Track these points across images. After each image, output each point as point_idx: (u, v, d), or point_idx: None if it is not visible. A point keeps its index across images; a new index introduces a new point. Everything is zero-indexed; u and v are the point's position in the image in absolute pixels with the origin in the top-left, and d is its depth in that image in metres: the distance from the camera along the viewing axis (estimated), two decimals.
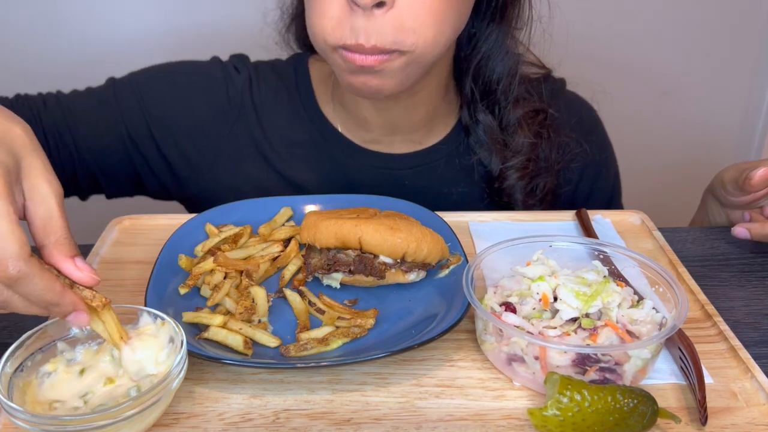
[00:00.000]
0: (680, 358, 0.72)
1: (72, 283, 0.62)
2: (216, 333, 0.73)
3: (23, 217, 0.61)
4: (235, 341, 0.73)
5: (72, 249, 0.61)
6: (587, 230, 0.97)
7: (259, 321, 0.78)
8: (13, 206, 0.57)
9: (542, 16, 1.05)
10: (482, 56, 1.06)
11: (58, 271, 0.61)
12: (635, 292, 0.78)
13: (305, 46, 1.17)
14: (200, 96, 1.12)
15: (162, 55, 1.20)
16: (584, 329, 0.70)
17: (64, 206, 0.62)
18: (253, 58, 1.18)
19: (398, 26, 0.85)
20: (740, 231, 0.96)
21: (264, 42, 1.17)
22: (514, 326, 0.70)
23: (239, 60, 1.16)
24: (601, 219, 1.02)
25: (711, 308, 0.82)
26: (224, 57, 1.17)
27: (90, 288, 0.62)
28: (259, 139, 1.12)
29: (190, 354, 0.68)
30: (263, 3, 1.15)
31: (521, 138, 1.08)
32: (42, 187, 0.61)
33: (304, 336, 0.75)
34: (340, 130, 1.12)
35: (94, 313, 0.64)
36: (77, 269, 0.61)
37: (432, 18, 0.86)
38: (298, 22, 1.15)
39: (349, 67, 0.90)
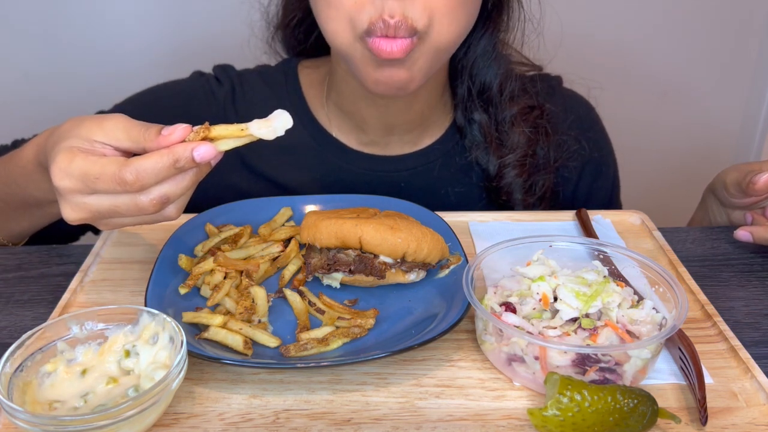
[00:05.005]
0: (680, 358, 0.72)
1: None
2: (216, 333, 0.73)
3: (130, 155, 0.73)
4: (235, 341, 0.73)
5: (154, 132, 0.71)
6: (587, 230, 0.97)
7: (259, 321, 0.78)
8: (93, 154, 0.71)
9: (534, 17, 1.06)
10: (476, 56, 1.06)
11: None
12: (635, 292, 0.78)
13: (293, 51, 1.17)
14: (181, 118, 1.11)
15: (155, 72, 1.21)
16: (584, 329, 0.70)
17: (126, 120, 0.74)
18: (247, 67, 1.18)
19: (422, 7, 0.86)
20: (743, 234, 0.96)
21: (254, 54, 1.17)
22: (514, 326, 0.70)
23: (222, 71, 1.15)
24: (601, 219, 1.02)
25: (711, 308, 0.82)
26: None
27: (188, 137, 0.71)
28: (243, 150, 1.11)
29: (190, 354, 0.68)
30: (248, 15, 1.15)
31: (516, 135, 1.08)
32: (99, 134, 0.73)
33: (304, 336, 0.75)
34: (334, 134, 1.12)
35: (211, 142, 0.72)
36: (167, 136, 0.70)
37: (453, 4, 0.87)
38: (284, 30, 1.15)
39: (374, 60, 0.89)
